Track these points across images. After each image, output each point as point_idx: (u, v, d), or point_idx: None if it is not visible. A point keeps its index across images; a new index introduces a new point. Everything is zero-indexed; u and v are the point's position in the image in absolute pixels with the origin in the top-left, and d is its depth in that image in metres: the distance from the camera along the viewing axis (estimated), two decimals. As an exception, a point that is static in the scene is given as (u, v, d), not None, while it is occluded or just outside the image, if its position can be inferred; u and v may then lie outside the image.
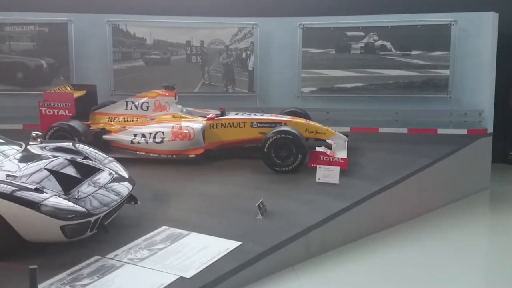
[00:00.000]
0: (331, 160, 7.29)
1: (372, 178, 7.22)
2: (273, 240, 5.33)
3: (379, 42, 9.78)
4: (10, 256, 4.63)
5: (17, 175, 5.12)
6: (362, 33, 9.79)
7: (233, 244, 5.17)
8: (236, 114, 8.39)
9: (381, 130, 9.56)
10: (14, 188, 4.81)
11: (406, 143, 9.00)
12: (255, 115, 8.37)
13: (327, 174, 7.03)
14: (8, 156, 5.59)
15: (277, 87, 10.10)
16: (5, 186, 4.81)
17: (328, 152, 7.49)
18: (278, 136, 7.48)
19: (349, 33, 9.84)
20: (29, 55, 9.80)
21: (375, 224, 6.66)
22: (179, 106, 8.55)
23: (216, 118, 8.16)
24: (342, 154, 7.64)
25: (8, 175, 5.07)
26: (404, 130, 9.55)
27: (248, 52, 10.01)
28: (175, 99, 8.51)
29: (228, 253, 5.03)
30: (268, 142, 7.47)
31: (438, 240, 6.67)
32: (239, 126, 8.05)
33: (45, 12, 9.75)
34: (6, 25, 9.66)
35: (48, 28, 9.76)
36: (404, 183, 7.26)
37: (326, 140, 8.06)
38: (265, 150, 7.48)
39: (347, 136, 8.32)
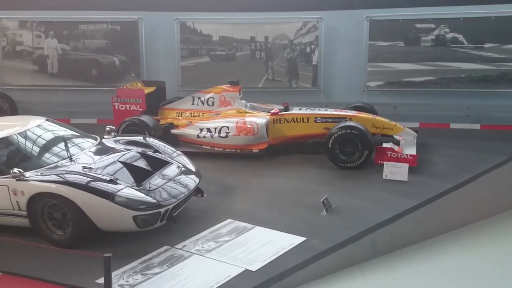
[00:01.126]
0: (399, 156, 7.08)
1: (443, 176, 6.94)
2: (339, 237, 5.27)
3: (451, 35, 9.36)
4: (86, 245, 4.88)
5: (93, 167, 5.40)
6: (432, 25, 9.40)
7: (297, 240, 5.16)
8: (300, 109, 8.34)
9: (453, 126, 9.17)
10: (89, 179, 5.06)
11: (479, 139, 8.57)
12: (319, 110, 8.28)
13: (395, 171, 6.84)
14: (84, 149, 5.90)
15: (342, 81, 9.94)
16: (81, 177, 5.08)
17: (396, 148, 7.28)
18: (343, 131, 7.36)
19: (418, 25, 9.49)
20: (102, 52, 10.26)
21: (445, 224, 6.39)
22: (243, 101, 8.63)
23: (280, 113, 8.16)
24: (411, 150, 7.39)
25: (84, 167, 5.36)
26: (477, 126, 9.12)
27: (313, 46, 9.92)
28: (240, 94, 8.60)
29: (293, 248, 5.03)
30: (333, 137, 7.37)
31: (514, 241, 6.32)
32: (303, 121, 8.01)
33: (117, 10, 10.15)
34: (80, 23, 10.18)
35: (120, 26, 10.17)
36: (477, 182, 6.90)
37: (394, 136, 7.83)
38: (330, 145, 7.39)
39: (416, 132, 8.04)
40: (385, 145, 7.36)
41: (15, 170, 5.01)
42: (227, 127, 8.01)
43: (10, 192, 5.02)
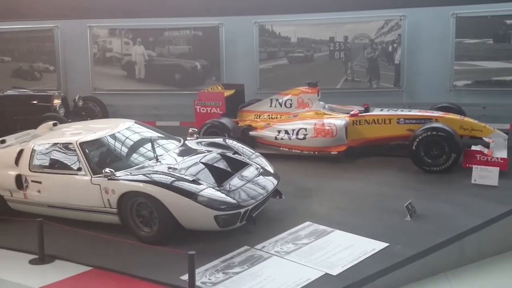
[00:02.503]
0: (489, 160, 6.66)
1: (538, 181, 6.43)
2: (424, 244, 5.04)
3: (544, 30, 8.68)
4: (171, 242, 5.07)
5: (177, 168, 5.60)
6: (524, 21, 8.78)
7: (379, 245, 5.01)
8: (381, 110, 8.11)
9: (548, 127, 8.49)
10: (174, 179, 5.26)
11: None
12: (402, 111, 8.00)
13: (484, 175, 6.44)
14: (169, 150, 6.15)
15: (426, 81, 9.54)
16: (167, 177, 5.29)
17: (485, 151, 6.85)
18: (429, 133, 7.05)
19: (508, 22, 8.90)
20: (185, 57, 10.66)
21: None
22: (322, 102, 8.55)
23: (360, 114, 7.99)
24: (501, 153, 6.92)
25: (169, 167, 5.58)
26: None
27: (395, 45, 9.62)
28: (318, 95, 8.53)
29: (375, 253, 4.88)
30: (417, 139, 7.08)
31: None
32: (385, 123, 7.77)
33: (199, 16, 10.49)
34: (165, 30, 10.64)
35: (202, 32, 10.51)
36: None
37: (483, 138, 7.38)
38: (414, 148, 7.11)
39: (507, 133, 7.51)
40: (473, 147, 6.97)
41: (107, 169, 5.32)
42: (305, 129, 7.97)
43: (102, 191, 5.34)
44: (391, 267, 4.69)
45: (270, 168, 6.16)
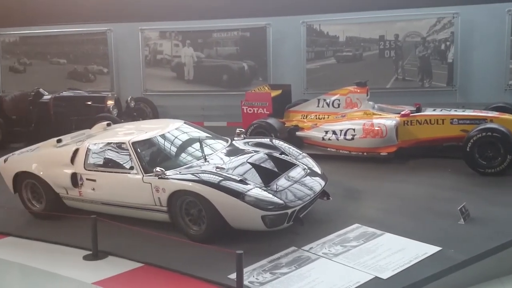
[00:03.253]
0: (548, 162, 6.33)
1: None
2: (478, 248, 4.85)
3: None
4: (219, 241, 5.12)
5: (225, 167, 5.65)
6: None
7: (431, 249, 4.86)
8: (434, 110, 7.87)
9: None
10: (222, 178, 5.30)
11: None
12: (455, 111, 7.74)
13: (544, 178, 6.12)
14: (217, 150, 6.21)
15: (480, 80, 9.21)
16: (215, 176, 5.34)
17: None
18: (484, 134, 6.78)
19: None
20: (233, 58, 10.76)
21: None
22: (371, 102, 8.40)
23: (411, 114, 7.79)
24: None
25: (217, 167, 5.63)
26: None
27: (448, 43, 9.32)
28: (367, 95, 8.39)
29: (427, 258, 4.74)
30: (472, 140, 6.82)
31: None
32: (437, 123, 7.54)
33: (247, 17, 10.56)
34: (214, 32, 10.77)
35: (249, 33, 10.57)
36: None
37: (543, 139, 7.01)
38: (468, 149, 6.86)
39: None
40: (531, 149, 6.63)
41: (158, 169, 5.43)
42: (354, 129, 7.85)
43: (153, 189, 5.46)
44: (443, 272, 4.54)
45: (317, 169, 6.10)
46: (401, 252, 4.85)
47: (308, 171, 5.93)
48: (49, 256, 5.39)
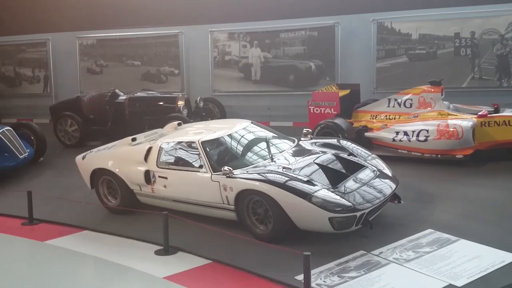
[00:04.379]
0: None
1: None
2: None
3: None
4: (286, 241, 5.09)
5: (291, 168, 5.63)
6: None
7: (510, 257, 4.57)
8: (514, 110, 7.41)
9: None
10: (288, 179, 5.28)
11: None
12: (538, 112, 7.23)
13: None
14: (284, 150, 6.20)
15: None
16: (281, 177, 5.33)
17: None
18: None
19: None
20: (300, 58, 10.70)
21: None
22: (446, 102, 8.05)
23: (489, 115, 7.36)
24: None
25: (284, 167, 5.62)
26: None
27: (529, 40, 8.72)
28: (442, 95, 8.04)
29: (504, 266, 4.47)
30: (557, 143, 6.34)
31: None
32: (517, 125, 7.08)
33: (315, 16, 10.47)
34: (281, 32, 10.78)
35: (317, 32, 10.47)
36: None
37: None
38: (553, 152, 6.38)
39: None
40: None
41: (226, 168, 5.51)
42: (427, 130, 7.55)
43: (221, 188, 5.54)
44: (524, 283, 4.25)
45: (387, 171, 5.92)
46: (477, 259, 4.60)
47: (378, 173, 5.77)
48: (123, 250, 5.63)
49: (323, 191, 5.15)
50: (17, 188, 7.52)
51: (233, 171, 5.51)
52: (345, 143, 6.48)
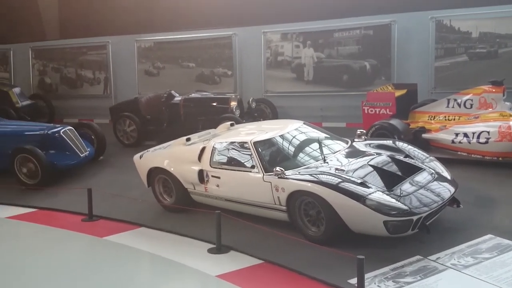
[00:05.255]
0: None
1: None
2: None
3: None
4: (338, 243, 5.02)
5: (344, 169, 5.54)
6: None
7: None
8: None
9: None
10: (341, 180, 5.20)
11: None
12: None
13: None
14: (337, 152, 6.12)
15: None
16: (334, 178, 5.26)
17: None
18: None
19: None
20: (354, 58, 10.53)
21: None
22: (508, 103, 7.69)
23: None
24: None
25: (336, 169, 5.54)
26: None
27: None
28: (504, 95, 7.67)
29: None
30: None
31: None
32: None
33: (370, 15, 10.27)
34: (335, 31, 10.65)
35: (372, 31, 10.26)
36: None
37: None
38: None
39: None
40: None
41: (278, 168, 5.51)
42: (488, 132, 7.22)
43: (272, 188, 5.55)
44: None
45: (446, 174, 5.71)
46: (542, 268, 4.35)
47: (436, 176, 5.59)
48: (177, 247, 5.75)
49: (377, 194, 5.04)
50: (78, 186, 7.85)
51: (285, 171, 5.50)
52: (401, 144, 6.31)
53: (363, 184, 5.16)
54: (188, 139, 6.93)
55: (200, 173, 6.30)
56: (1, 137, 8.82)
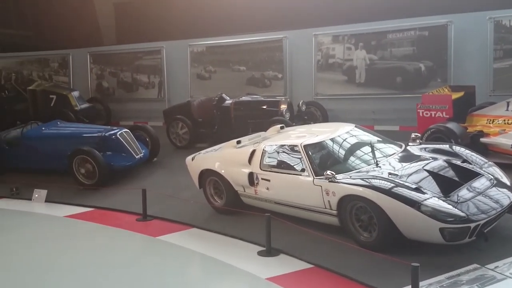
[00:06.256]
0: None
1: None
2: None
3: None
4: (391, 250, 4.90)
5: (398, 174, 5.40)
6: None
7: None
8: None
9: None
10: (394, 185, 5.08)
11: None
12: None
13: None
14: (390, 156, 5.98)
15: None
16: (387, 183, 5.14)
17: None
18: None
19: None
20: (408, 59, 10.27)
21: None
22: None
23: None
24: None
25: (390, 173, 5.41)
26: None
27: None
28: None
29: None
30: None
31: None
32: None
33: (426, 16, 9.99)
34: (389, 32, 10.42)
35: (428, 32, 9.98)
36: None
37: None
38: None
39: None
40: None
41: (328, 172, 5.45)
42: (553, 137, 6.84)
43: (323, 192, 5.49)
44: None
45: (506, 180, 5.47)
46: None
47: (495, 181, 5.36)
48: (227, 248, 5.82)
49: (433, 200, 4.89)
50: (133, 186, 8.10)
51: (336, 175, 5.43)
52: (458, 149, 6.09)
53: (418, 190, 5.03)
54: (238, 142, 6.99)
55: (250, 175, 6.34)
56: (61, 139, 9.26)
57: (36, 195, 8.36)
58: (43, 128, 9.73)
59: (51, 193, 8.35)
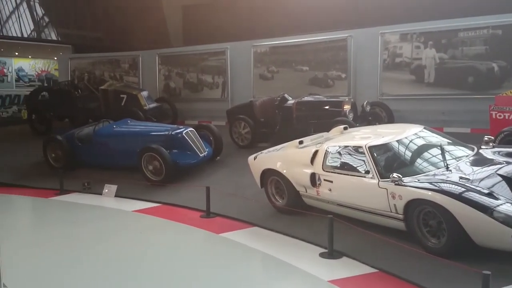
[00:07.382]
0: None
1: None
2: None
3: None
4: (460, 257, 4.70)
5: (470, 178, 5.16)
6: None
7: None
8: None
9: None
10: (466, 189, 4.85)
11: None
12: None
13: None
14: (461, 159, 5.72)
15: None
16: (457, 187, 4.92)
17: None
18: None
19: None
20: (480, 59, 9.78)
21: None
22: None
23: None
24: None
25: (461, 177, 5.18)
26: None
27: None
28: None
29: None
30: None
31: None
32: None
33: (499, 13, 9.48)
34: (460, 31, 9.98)
35: (501, 30, 9.45)
36: None
37: None
38: None
39: None
40: None
41: (395, 174, 5.30)
42: None
43: (388, 195, 5.34)
44: None
45: None
46: None
47: None
48: (288, 248, 5.80)
49: (506, 206, 4.64)
50: (197, 184, 8.30)
51: (403, 178, 5.27)
52: (537, 152, 5.73)
53: (490, 195, 4.79)
54: (301, 142, 6.96)
55: (312, 176, 6.29)
56: (131, 137, 9.65)
57: (106, 190, 8.77)
58: (114, 126, 10.17)
59: (120, 188, 8.73)
